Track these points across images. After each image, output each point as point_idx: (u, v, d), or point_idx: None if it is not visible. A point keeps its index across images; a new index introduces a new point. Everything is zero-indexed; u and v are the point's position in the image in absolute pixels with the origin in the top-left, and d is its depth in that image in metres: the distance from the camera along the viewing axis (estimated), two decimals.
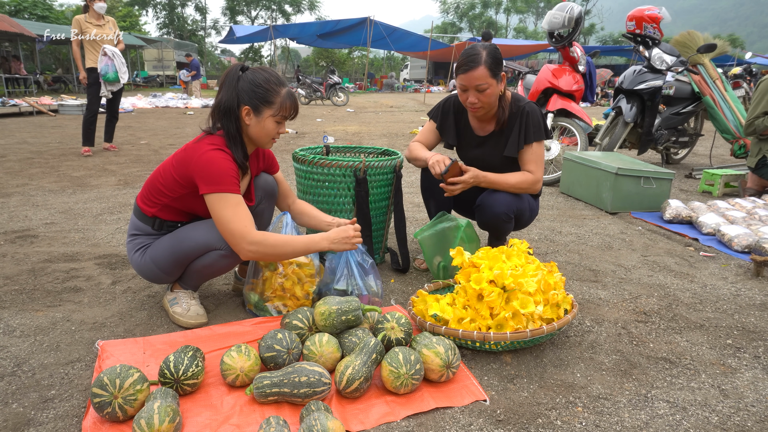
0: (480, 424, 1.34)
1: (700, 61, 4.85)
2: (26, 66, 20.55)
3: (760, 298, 2.17)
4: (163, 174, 1.76)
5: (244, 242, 1.64)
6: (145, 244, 1.82)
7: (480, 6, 48.22)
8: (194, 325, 1.82)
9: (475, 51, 2.00)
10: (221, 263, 1.77)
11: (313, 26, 24.66)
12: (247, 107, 1.69)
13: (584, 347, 1.74)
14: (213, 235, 1.73)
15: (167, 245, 1.78)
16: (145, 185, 1.83)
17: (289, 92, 1.73)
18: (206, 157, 1.64)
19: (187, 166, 1.68)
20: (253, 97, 1.68)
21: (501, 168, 2.22)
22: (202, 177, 1.64)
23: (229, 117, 1.69)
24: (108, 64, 5.37)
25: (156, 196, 1.78)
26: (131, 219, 1.88)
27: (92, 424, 1.29)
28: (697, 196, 4.16)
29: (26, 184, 4.15)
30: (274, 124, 1.73)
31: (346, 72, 38.90)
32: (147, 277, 1.85)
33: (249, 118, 1.70)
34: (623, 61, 32.26)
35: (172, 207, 1.79)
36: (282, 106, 1.71)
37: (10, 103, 11.13)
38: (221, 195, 1.63)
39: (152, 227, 1.82)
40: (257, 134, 1.74)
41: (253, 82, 1.68)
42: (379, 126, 9.64)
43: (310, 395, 1.37)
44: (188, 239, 1.75)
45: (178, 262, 1.78)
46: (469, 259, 1.83)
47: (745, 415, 1.40)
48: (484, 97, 2.04)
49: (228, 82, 1.69)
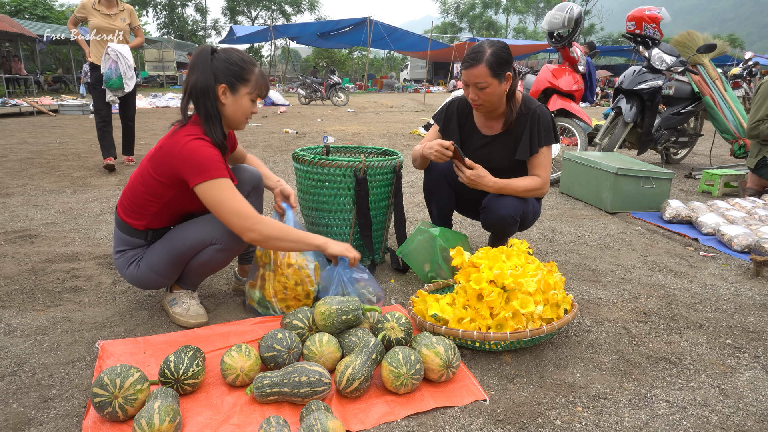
0: (480, 423, 1.34)
1: (700, 61, 4.85)
2: (26, 66, 20.56)
3: (760, 298, 2.17)
4: (143, 182, 1.71)
5: (248, 223, 1.61)
6: (138, 255, 1.80)
7: (480, 6, 48.25)
8: (194, 325, 1.83)
9: (480, 48, 1.99)
10: (218, 257, 1.77)
11: (313, 26, 24.70)
12: (223, 85, 1.67)
13: (584, 347, 1.74)
14: (207, 230, 1.73)
15: (162, 250, 1.76)
16: (125, 197, 1.77)
17: (262, 72, 1.74)
18: (188, 147, 1.60)
19: (169, 162, 1.63)
20: (230, 75, 1.66)
21: (507, 169, 2.21)
22: (190, 169, 1.60)
23: (207, 96, 1.66)
24: (111, 67, 4.51)
25: (143, 207, 1.73)
26: (115, 234, 1.82)
27: (92, 424, 1.29)
28: (697, 196, 4.16)
29: (26, 184, 4.15)
30: (249, 102, 1.73)
31: (346, 72, 38.91)
32: (145, 287, 1.85)
33: (225, 96, 1.68)
34: (623, 61, 32.28)
35: (163, 213, 1.76)
36: (257, 84, 1.72)
37: (10, 103, 11.13)
38: (214, 182, 1.60)
39: (145, 240, 1.79)
40: (233, 113, 1.72)
41: (228, 60, 1.66)
42: (379, 126, 9.64)
43: (311, 395, 1.37)
44: (183, 239, 1.75)
45: (175, 264, 1.78)
46: (468, 259, 1.83)
47: (745, 414, 1.40)
48: (483, 95, 2.04)
49: (201, 63, 1.66)
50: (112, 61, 4.50)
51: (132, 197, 1.75)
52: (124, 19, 4.64)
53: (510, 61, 2.03)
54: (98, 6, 4.50)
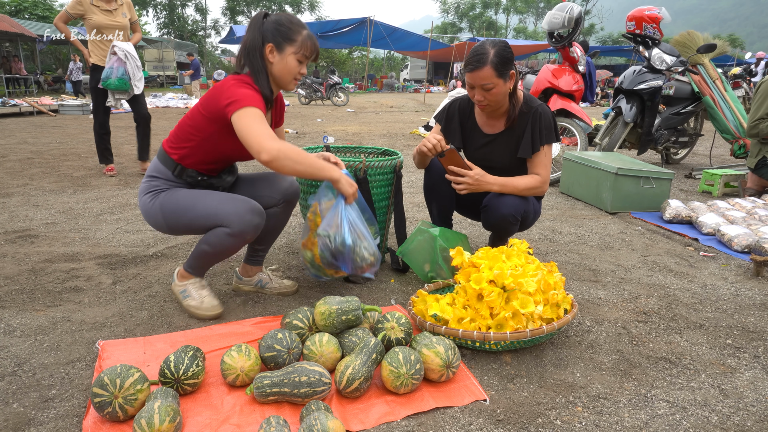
0: (480, 423, 1.34)
1: (700, 61, 4.85)
2: (26, 66, 20.57)
3: (760, 298, 2.17)
4: (191, 116, 1.81)
5: (267, 143, 1.61)
6: (160, 188, 1.85)
7: (480, 6, 48.24)
8: (211, 317, 1.89)
9: (483, 50, 1.99)
10: (226, 242, 1.78)
11: (313, 26, 24.64)
12: (270, 44, 1.76)
13: (584, 347, 1.74)
14: (225, 208, 1.76)
15: (180, 201, 1.81)
16: (173, 131, 1.86)
17: (310, 34, 1.81)
18: (232, 85, 1.71)
19: (215, 99, 1.72)
20: (277, 35, 1.76)
21: (509, 167, 2.21)
22: (229, 99, 1.67)
23: (255, 55, 1.77)
24: (114, 66, 4.08)
25: (183, 140, 1.82)
26: (152, 162, 1.90)
27: (93, 424, 1.29)
28: (697, 196, 4.16)
29: (26, 184, 4.15)
30: (295, 63, 1.79)
31: (346, 72, 38.91)
32: (149, 222, 1.89)
33: (272, 55, 1.77)
34: (623, 61, 32.27)
35: (199, 151, 1.82)
36: (303, 44, 1.78)
37: (10, 103, 11.13)
38: (245, 109, 1.65)
39: (173, 173, 1.85)
40: (280, 71, 1.79)
41: (277, 21, 1.77)
42: (379, 126, 9.64)
43: (311, 395, 1.37)
44: (200, 204, 1.79)
45: (183, 223, 1.82)
46: (468, 259, 1.83)
47: (745, 414, 1.40)
48: (490, 95, 2.04)
49: (253, 24, 1.78)
50: (117, 59, 4.09)
51: (177, 130, 1.85)
52: (125, 14, 4.29)
53: (512, 59, 2.04)
54: (97, 2, 4.11)
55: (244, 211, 1.75)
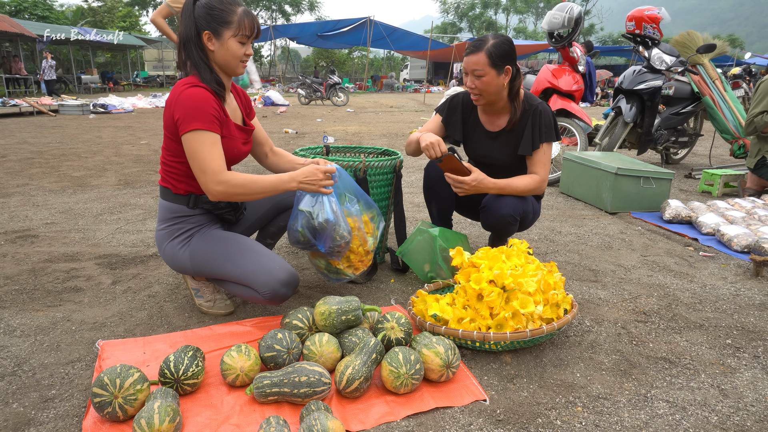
0: (480, 423, 1.34)
1: (700, 61, 4.85)
2: (26, 66, 20.55)
3: (760, 298, 2.17)
4: (165, 145, 1.74)
5: (212, 182, 1.61)
6: (183, 232, 1.79)
7: (480, 6, 48.24)
8: (222, 314, 1.91)
9: (484, 38, 2.03)
10: (254, 298, 1.77)
11: (313, 26, 24.70)
12: (207, 32, 1.65)
13: (584, 347, 1.74)
14: (258, 279, 1.70)
15: (209, 255, 1.76)
16: (161, 168, 1.81)
17: (246, 10, 1.68)
18: (183, 95, 1.62)
19: (169, 114, 1.65)
20: (211, 21, 1.64)
21: (510, 166, 2.21)
22: (182, 115, 1.60)
23: (192, 47, 1.66)
24: None
25: (173, 172, 1.75)
26: (160, 205, 1.83)
27: (92, 424, 1.29)
28: (697, 196, 4.16)
29: (26, 184, 4.15)
30: (238, 45, 1.68)
31: (346, 72, 38.90)
32: (173, 268, 1.87)
33: (211, 43, 1.66)
34: (623, 61, 32.26)
35: (192, 173, 1.73)
36: (240, 24, 1.66)
37: (10, 103, 11.12)
38: (194, 133, 1.59)
39: (187, 205, 1.78)
40: (224, 58, 1.68)
41: (208, 5, 1.64)
42: (379, 126, 9.64)
43: (310, 395, 1.37)
44: (235, 265, 1.74)
45: (214, 276, 1.81)
46: (468, 259, 1.83)
47: (745, 414, 1.40)
48: (480, 83, 2.04)
49: (184, 14, 1.66)
50: None
51: (162, 164, 1.78)
52: None
53: (511, 56, 2.04)
54: None
55: (277, 285, 1.69)
